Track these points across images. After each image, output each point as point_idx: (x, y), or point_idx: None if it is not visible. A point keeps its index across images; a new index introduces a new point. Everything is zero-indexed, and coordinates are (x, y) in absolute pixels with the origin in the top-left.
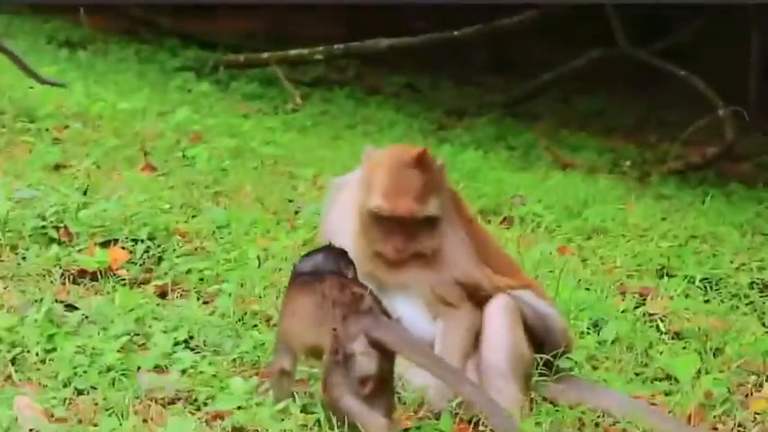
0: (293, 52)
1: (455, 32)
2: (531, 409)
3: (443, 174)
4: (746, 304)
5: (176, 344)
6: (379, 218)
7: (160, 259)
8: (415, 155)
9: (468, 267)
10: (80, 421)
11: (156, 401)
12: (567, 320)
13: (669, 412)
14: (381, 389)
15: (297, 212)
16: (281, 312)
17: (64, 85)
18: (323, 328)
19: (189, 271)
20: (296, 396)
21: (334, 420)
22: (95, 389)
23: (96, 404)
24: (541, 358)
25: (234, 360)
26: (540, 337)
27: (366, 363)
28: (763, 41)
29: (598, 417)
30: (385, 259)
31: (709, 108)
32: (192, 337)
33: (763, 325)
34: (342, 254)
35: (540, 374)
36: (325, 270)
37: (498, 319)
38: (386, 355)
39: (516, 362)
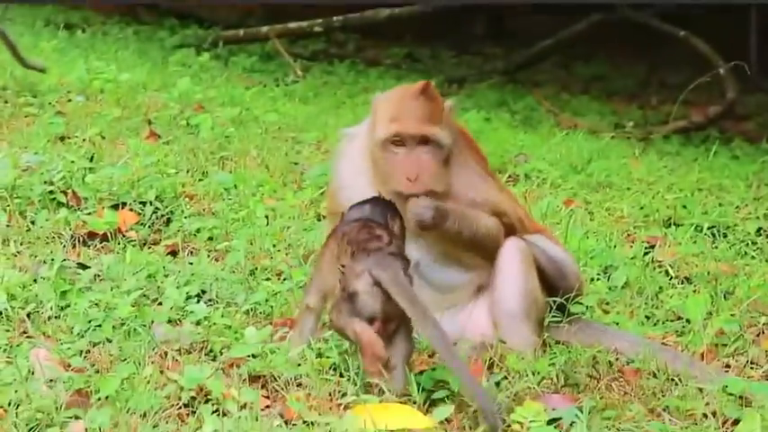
0: (292, 25)
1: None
2: (545, 351)
3: (452, 113)
4: (754, 250)
5: (189, 298)
6: (389, 149)
7: (169, 221)
8: (419, 86)
9: (491, 195)
10: (97, 371)
11: (171, 351)
12: (577, 266)
13: (681, 351)
14: (398, 331)
15: (302, 174)
16: (317, 255)
17: (44, 70)
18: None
19: (198, 230)
20: (311, 341)
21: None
22: (110, 341)
23: (112, 355)
24: (554, 302)
25: (247, 311)
26: (552, 281)
27: (369, 302)
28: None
29: (612, 357)
30: (401, 202)
31: (710, 68)
32: (204, 292)
33: None
34: (388, 204)
35: (553, 318)
36: (368, 217)
37: (511, 262)
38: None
39: (530, 305)
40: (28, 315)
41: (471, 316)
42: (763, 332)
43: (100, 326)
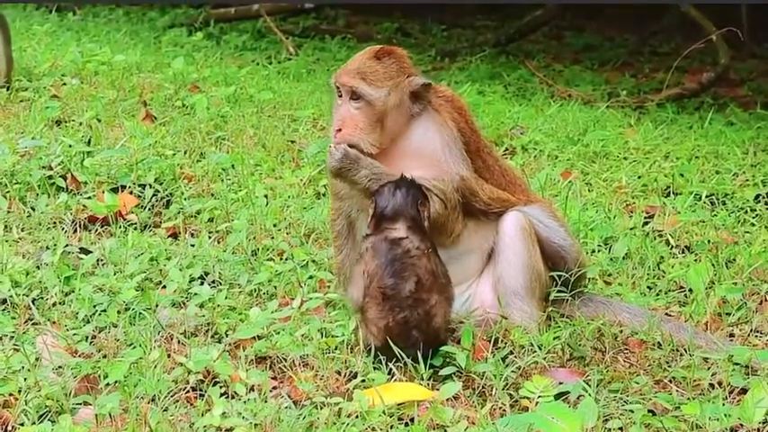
0: (283, 2)
1: None
2: (549, 325)
3: (413, 86)
4: (753, 217)
5: (192, 280)
6: (335, 100)
7: (168, 203)
8: (376, 48)
9: (457, 167)
10: (104, 356)
11: (177, 335)
12: (577, 239)
13: (685, 322)
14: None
15: (300, 151)
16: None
17: None
18: None
19: (198, 212)
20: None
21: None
22: (116, 326)
23: (118, 340)
24: (559, 276)
25: (250, 292)
26: (552, 254)
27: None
28: None
29: (617, 329)
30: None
31: (703, 35)
32: (207, 273)
33: None
34: (414, 185)
35: (558, 293)
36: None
37: (514, 237)
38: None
39: (533, 280)
40: (33, 301)
41: (476, 291)
42: (766, 299)
43: (105, 311)
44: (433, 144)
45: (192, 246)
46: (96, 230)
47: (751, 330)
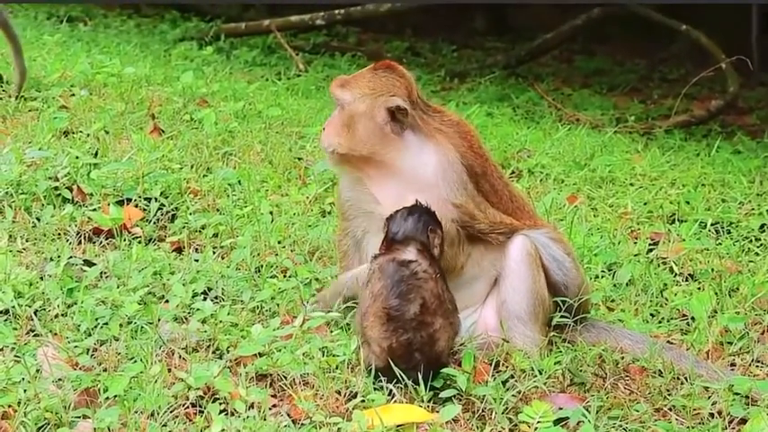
0: (294, 18)
1: None
2: (551, 350)
3: (389, 107)
4: (758, 246)
5: (195, 295)
6: None
7: (174, 217)
8: (381, 62)
9: (451, 193)
10: (105, 370)
11: (178, 350)
12: (581, 264)
13: (687, 350)
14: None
15: (307, 169)
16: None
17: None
18: None
19: (203, 227)
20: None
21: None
22: (117, 339)
23: (119, 353)
24: (563, 302)
25: (253, 309)
26: (555, 281)
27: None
28: None
29: (618, 355)
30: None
31: (712, 62)
32: (210, 289)
33: None
34: (426, 212)
35: (561, 318)
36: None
37: (519, 263)
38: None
39: (537, 306)
40: (35, 313)
41: (481, 315)
42: None
43: (107, 324)
44: (426, 168)
45: (196, 261)
46: (101, 243)
47: (752, 360)
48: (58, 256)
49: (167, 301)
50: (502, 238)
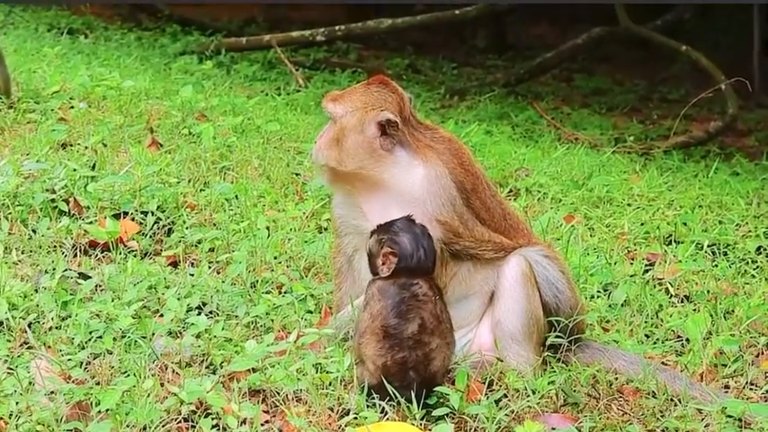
0: (295, 34)
1: (456, 11)
2: (545, 370)
3: (378, 121)
4: (754, 269)
5: (189, 310)
6: None
7: (170, 231)
8: (375, 77)
9: (436, 209)
10: (98, 383)
11: (171, 364)
12: (576, 285)
13: (681, 372)
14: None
15: (304, 185)
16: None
17: None
18: None
19: (199, 241)
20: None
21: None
22: (111, 353)
23: (113, 367)
24: (558, 322)
25: (247, 324)
26: (549, 300)
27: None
28: (765, 15)
29: (612, 376)
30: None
31: (712, 83)
32: (204, 304)
33: None
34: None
35: (556, 338)
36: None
37: (514, 282)
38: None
39: (531, 325)
40: (29, 325)
41: (476, 334)
42: (763, 353)
43: (101, 337)
44: (413, 183)
45: (192, 275)
46: (96, 256)
47: (746, 383)
48: (54, 269)
49: (162, 316)
50: (489, 255)
